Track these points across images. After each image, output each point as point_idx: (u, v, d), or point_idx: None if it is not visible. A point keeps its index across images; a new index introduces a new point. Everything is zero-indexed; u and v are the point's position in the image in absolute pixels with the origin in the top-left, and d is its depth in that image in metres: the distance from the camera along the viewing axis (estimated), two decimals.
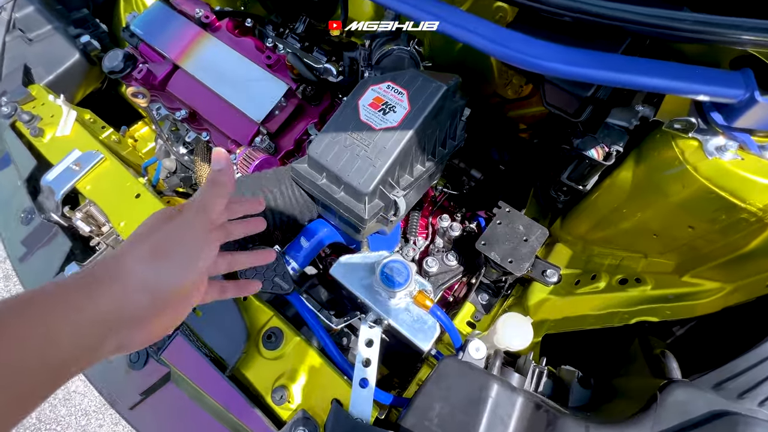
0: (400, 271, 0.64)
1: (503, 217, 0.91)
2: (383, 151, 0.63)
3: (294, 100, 0.89)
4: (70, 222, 0.82)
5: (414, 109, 0.64)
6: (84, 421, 1.75)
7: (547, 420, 0.53)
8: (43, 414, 1.76)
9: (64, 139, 0.93)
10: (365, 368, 0.62)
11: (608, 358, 0.79)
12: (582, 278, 0.86)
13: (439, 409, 0.58)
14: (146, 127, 1.50)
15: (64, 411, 1.77)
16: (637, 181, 0.74)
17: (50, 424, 1.74)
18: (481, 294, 1.08)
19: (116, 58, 0.99)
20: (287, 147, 0.88)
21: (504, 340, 0.63)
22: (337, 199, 0.65)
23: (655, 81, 0.54)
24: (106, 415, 1.75)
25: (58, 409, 1.77)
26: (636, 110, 0.71)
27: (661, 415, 0.46)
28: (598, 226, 0.89)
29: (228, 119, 0.89)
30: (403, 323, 0.64)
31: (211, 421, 0.64)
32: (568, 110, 0.76)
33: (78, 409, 1.77)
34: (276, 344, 0.65)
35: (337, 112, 0.68)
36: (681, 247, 0.73)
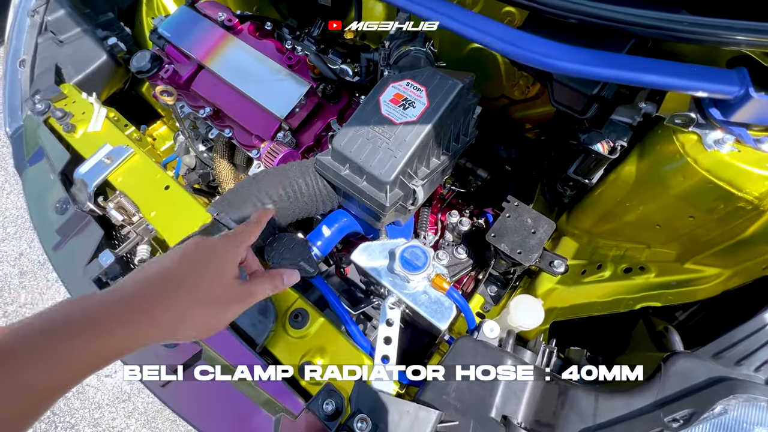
0: (419, 255, 0.68)
1: (512, 211, 0.95)
2: (403, 144, 0.68)
3: (314, 98, 0.94)
4: (104, 212, 0.87)
5: (432, 104, 0.69)
6: (97, 414, 1.78)
7: (558, 391, 0.57)
8: (57, 407, 1.80)
9: (95, 135, 0.98)
10: (386, 345, 0.66)
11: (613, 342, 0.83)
12: (588, 268, 0.90)
13: (456, 384, 0.62)
14: (164, 126, 1.56)
15: (78, 404, 1.80)
16: (640, 174, 0.79)
17: (64, 417, 1.78)
18: (490, 286, 1.12)
19: (144, 59, 1.04)
20: (307, 142, 0.93)
21: (517, 319, 0.67)
22: (360, 188, 0.70)
23: (657, 78, 0.59)
24: (119, 408, 1.78)
25: (71, 402, 1.81)
26: (639, 107, 0.76)
27: (666, 382, 0.50)
28: (603, 219, 0.93)
29: (251, 116, 0.94)
30: (422, 304, 0.69)
31: (240, 396, 0.68)
32: (575, 108, 0.80)
33: (91, 402, 1.80)
34: (302, 324, 0.69)
35: (360, 108, 0.72)
36: (682, 237, 0.77)
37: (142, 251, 0.92)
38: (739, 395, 0.46)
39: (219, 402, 0.70)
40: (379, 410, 0.60)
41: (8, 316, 2.03)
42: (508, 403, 0.59)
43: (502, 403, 0.59)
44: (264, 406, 0.66)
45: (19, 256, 2.18)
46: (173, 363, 0.72)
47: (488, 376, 0.61)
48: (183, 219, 0.83)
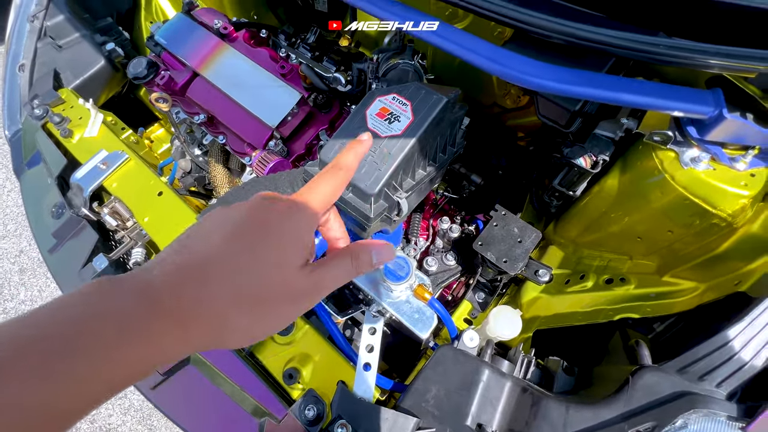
0: (402, 266, 0.70)
1: (499, 220, 0.97)
2: (388, 157, 0.70)
3: (305, 107, 0.96)
4: (99, 216, 0.89)
5: (417, 119, 0.71)
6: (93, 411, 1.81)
7: (531, 401, 0.59)
8: None
9: (92, 140, 1.00)
10: (369, 353, 0.68)
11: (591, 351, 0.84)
12: (572, 278, 0.92)
13: (435, 392, 0.64)
14: (161, 129, 1.58)
15: None
16: (622, 187, 0.81)
17: None
18: (478, 293, 1.14)
19: (140, 65, 1.06)
20: (299, 151, 0.95)
21: (496, 330, 0.69)
22: (345, 200, 0.71)
23: (634, 98, 0.61)
24: (115, 405, 1.81)
25: None
26: (621, 123, 0.78)
27: (632, 396, 0.52)
28: (587, 229, 0.95)
29: (244, 124, 0.96)
30: (404, 314, 0.71)
31: (227, 400, 0.70)
32: (559, 122, 0.82)
33: None
34: (288, 331, 0.71)
35: (347, 121, 0.74)
36: (661, 250, 0.79)
37: (137, 254, 0.94)
38: (700, 410, 0.48)
39: (207, 405, 0.72)
40: (360, 416, 0.62)
41: (7, 313, 2.06)
42: (483, 412, 0.61)
43: (477, 411, 0.61)
44: (249, 410, 0.68)
45: (19, 253, 2.21)
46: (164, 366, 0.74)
47: (465, 384, 0.63)
48: (175, 225, 0.85)
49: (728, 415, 0.47)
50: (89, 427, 1.78)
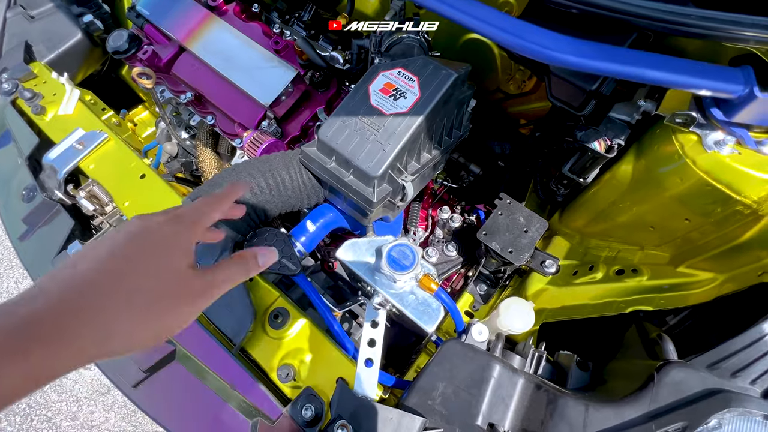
0: (407, 254, 0.65)
1: (504, 209, 0.93)
2: (393, 136, 0.64)
3: (301, 86, 0.89)
4: (74, 200, 0.82)
5: (424, 95, 0.65)
6: (75, 407, 1.73)
7: (547, 399, 0.55)
8: (34, 400, 1.74)
9: (67, 118, 0.92)
10: (370, 348, 0.63)
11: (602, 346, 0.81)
12: (580, 269, 0.88)
13: (442, 389, 0.60)
14: (146, 111, 1.49)
15: (55, 397, 1.75)
16: (636, 174, 0.77)
17: (41, 410, 1.72)
18: (480, 284, 1.10)
19: (121, 38, 0.98)
20: (293, 132, 0.89)
21: (506, 323, 0.65)
22: (346, 183, 0.66)
23: (660, 75, 0.56)
24: (98, 401, 1.74)
25: (48, 394, 1.76)
26: (638, 105, 0.73)
27: (658, 393, 0.49)
28: (596, 219, 0.91)
29: (234, 103, 0.89)
30: (409, 305, 0.66)
31: (215, 398, 0.64)
32: (573, 103, 0.77)
33: (69, 396, 1.75)
34: (282, 324, 0.66)
35: (348, 97, 0.68)
36: (676, 240, 0.75)
37: None
38: (734, 409, 0.44)
39: (193, 404, 0.66)
40: (361, 416, 0.57)
41: None
42: (495, 411, 0.57)
43: (488, 410, 0.57)
44: (240, 410, 0.63)
45: None
46: (145, 362, 0.68)
47: (475, 381, 0.59)
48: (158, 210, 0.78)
49: (765, 414, 0.44)
50: (71, 424, 1.70)
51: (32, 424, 1.70)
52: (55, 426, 1.70)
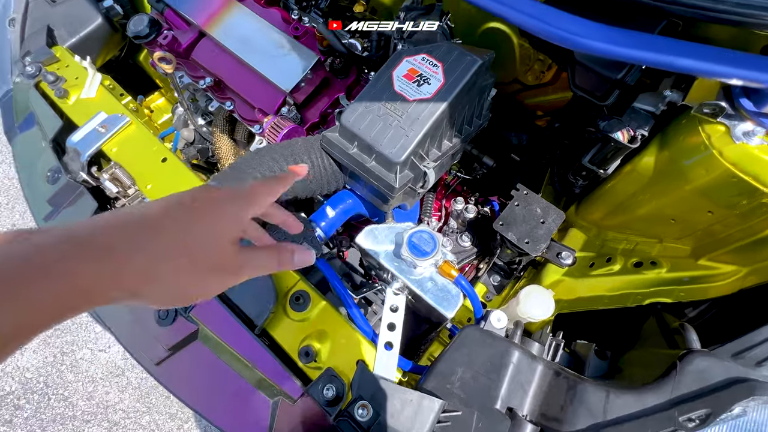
0: (427, 240, 0.66)
1: (521, 199, 0.92)
2: (416, 122, 0.64)
3: (321, 72, 0.89)
4: (98, 182, 0.83)
5: (449, 81, 0.65)
6: (91, 387, 1.78)
7: (567, 385, 0.56)
8: (51, 379, 1.79)
9: (89, 102, 0.93)
10: (390, 332, 0.64)
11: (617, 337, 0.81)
12: (597, 261, 0.88)
13: (461, 374, 0.60)
14: (162, 98, 1.50)
15: (72, 377, 1.80)
16: (659, 166, 0.76)
17: (57, 389, 1.77)
18: (494, 275, 1.11)
19: (141, 23, 0.98)
20: (313, 119, 0.89)
21: (526, 310, 0.65)
22: (368, 168, 0.66)
23: (692, 63, 0.55)
24: (113, 382, 1.78)
25: (65, 375, 1.80)
26: (664, 95, 0.72)
27: (681, 381, 0.49)
28: (614, 211, 0.90)
29: (254, 88, 0.90)
30: (428, 291, 0.66)
31: (237, 378, 0.66)
32: (596, 93, 0.77)
33: (85, 376, 1.80)
34: (303, 306, 0.67)
35: (371, 83, 0.68)
36: (698, 232, 0.75)
37: None
38: (759, 397, 0.44)
39: (215, 383, 0.68)
40: (381, 397, 0.58)
41: None
42: (513, 395, 0.57)
43: (507, 394, 0.57)
44: (262, 389, 0.64)
45: (11, 227, 2.14)
46: (168, 341, 0.70)
47: (494, 366, 0.59)
48: None
49: None
50: (86, 404, 1.75)
51: (50, 403, 1.75)
52: (72, 405, 1.75)
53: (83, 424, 1.70)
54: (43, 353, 1.85)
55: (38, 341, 1.87)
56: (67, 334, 1.88)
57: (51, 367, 1.82)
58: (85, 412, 1.73)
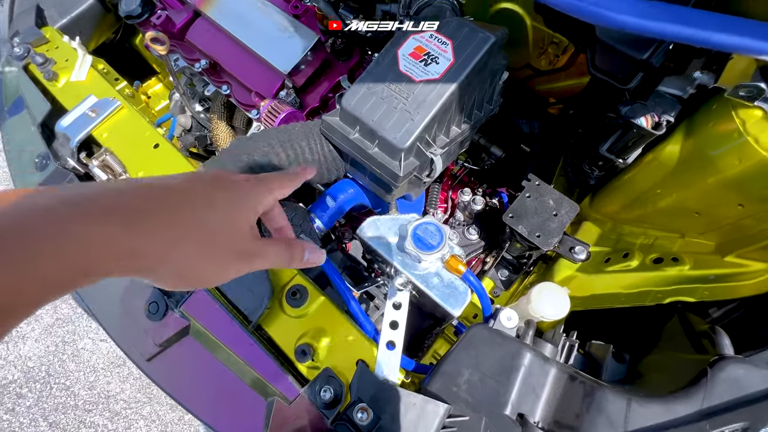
0: (433, 233, 0.61)
1: (532, 191, 0.87)
2: (423, 105, 0.59)
3: (321, 53, 0.84)
4: (87, 169, 0.79)
5: (459, 60, 0.60)
6: (92, 377, 1.77)
7: (583, 391, 0.51)
8: (53, 368, 1.79)
9: (79, 85, 0.89)
10: (392, 330, 0.60)
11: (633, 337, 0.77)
12: (613, 256, 0.83)
13: (468, 376, 0.56)
14: (160, 83, 1.46)
15: (73, 366, 1.79)
16: (685, 155, 0.70)
17: (59, 378, 1.77)
18: (501, 270, 1.06)
19: (133, 2, 0.93)
20: (313, 104, 0.84)
21: (539, 308, 0.61)
22: (370, 155, 0.61)
23: (732, 38, 0.49)
24: (114, 372, 1.77)
25: (67, 364, 1.80)
26: (693, 77, 0.66)
27: (713, 390, 0.44)
28: (633, 204, 0.85)
29: (251, 71, 0.85)
30: (434, 288, 0.62)
31: (230, 375, 0.63)
32: (618, 75, 0.71)
33: (87, 366, 1.79)
34: (300, 302, 0.63)
35: (374, 62, 0.63)
36: (725, 227, 0.69)
37: None
38: None
39: (208, 381, 0.64)
40: (382, 400, 0.54)
41: None
42: (525, 401, 0.53)
43: (518, 399, 0.53)
44: (256, 389, 0.60)
45: None
46: (159, 336, 0.67)
47: (504, 369, 0.55)
48: None
49: None
50: (88, 393, 1.75)
51: (51, 392, 1.75)
52: (74, 394, 1.74)
53: (85, 414, 1.70)
54: (45, 342, 1.84)
55: (40, 330, 1.87)
56: (69, 324, 1.87)
57: (53, 357, 1.81)
58: (86, 401, 1.73)
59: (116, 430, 1.67)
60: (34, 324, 1.88)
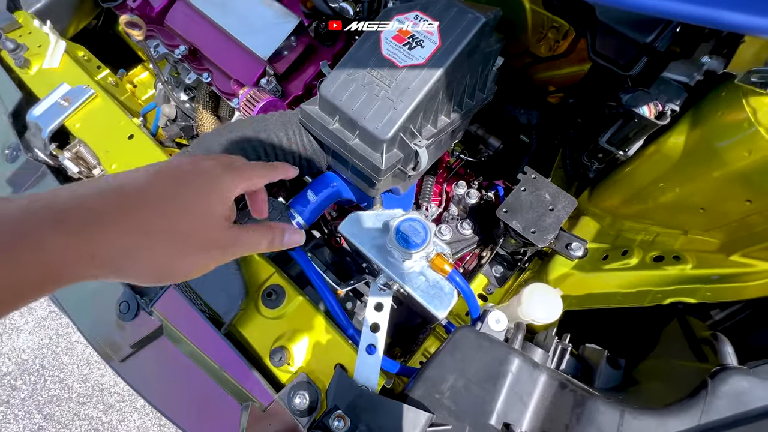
0: (417, 231, 0.57)
1: (528, 184, 0.83)
2: (406, 92, 0.55)
3: (305, 38, 0.79)
4: (58, 162, 0.76)
5: (445, 44, 0.55)
6: (86, 370, 1.77)
7: (573, 401, 0.48)
8: (47, 361, 1.78)
9: (53, 72, 0.85)
10: (373, 333, 0.56)
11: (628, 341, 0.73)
12: (611, 253, 0.79)
13: (452, 382, 0.53)
14: (146, 72, 1.41)
15: (67, 359, 1.79)
16: (689, 146, 0.66)
17: (53, 371, 1.77)
18: (496, 266, 1.02)
19: None
20: (296, 92, 0.80)
21: (529, 311, 0.57)
22: (350, 147, 0.57)
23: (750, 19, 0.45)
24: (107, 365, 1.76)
25: (61, 357, 1.79)
26: (701, 63, 0.61)
27: (713, 404, 0.41)
28: (633, 198, 0.81)
29: (231, 57, 0.80)
30: (418, 288, 0.58)
31: (205, 379, 0.60)
32: (620, 61, 0.66)
33: (80, 359, 1.79)
34: (277, 303, 0.60)
35: (355, 46, 0.59)
36: (731, 224, 0.65)
37: None
38: None
39: (182, 383, 0.62)
40: (360, 408, 0.51)
41: None
42: (511, 410, 0.50)
43: (504, 408, 0.50)
44: (231, 393, 0.58)
45: None
46: (132, 337, 0.64)
47: (490, 375, 0.52)
48: None
49: None
50: (82, 386, 1.74)
51: (46, 384, 1.75)
52: (68, 387, 1.74)
53: (79, 406, 1.70)
54: (39, 335, 1.84)
55: (34, 323, 1.86)
56: (62, 317, 1.86)
57: (47, 349, 1.81)
58: (80, 394, 1.72)
59: (110, 422, 1.67)
60: (27, 316, 1.87)
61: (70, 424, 1.67)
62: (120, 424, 1.67)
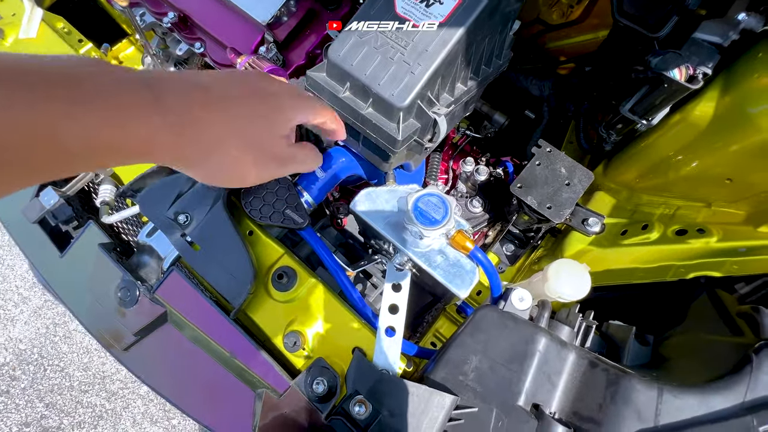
0: (437, 206, 0.54)
1: (543, 158, 0.80)
2: (425, 55, 0.50)
3: (306, 2, 0.73)
4: None
5: (466, 1, 0.50)
6: (86, 358, 1.74)
7: (607, 380, 0.46)
8: (45, 350, 1.75)
9: (30, 43, 0.78)
10: (392, 315, 0.54)
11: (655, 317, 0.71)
12: (630, 228, 0.76)
13: (476, 363, 0.51)
14: (132, 47, 1.33)
15: (66, 348, 1.76)
16: (719, 113, 0.62)
17: (53, 360, 1.74)
18: (507, 244, 1.00)
19: None
20: (298, 61, 0.74)
21: (557, 288, 0.55)
22: (363, 117, 0.53)
23: None
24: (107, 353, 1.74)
25: (59, 346, 1.76)
26: (737, 21, 0.57)
27: (759, 379, 0.39)
28: (652, 171, 0.78)
29: (226, 24, 0.74)
30: (438, 267, 0.55)
31: (214, 365, 0.57)
32: (648, 20, 0.61)
33: (80, 347, 1.76)
34: (288, 285, 0.56)
35: (366, 4, 0.53)
36: (761, 195, 0.63)
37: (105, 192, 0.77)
38: None
39: (190, 371, 0.59)
40: (382, 392, 0.49)
41: None
42: (540, 390, 0.48)
43: (532, 389, 0.48)
44: (243, 380, 0.55)
45: None
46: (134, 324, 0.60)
47: (517, 355, 0.50)
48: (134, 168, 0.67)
49: None
50: (83, 374, 1.72)
51: (46, 374, 1.72)
52: (68, 375, 1.72)
53: (81, 394, 1.68)
54: (35, 325, 1.80)
55: (29, 313, 1.82)
56: (58, 306, 1.82)
57: (44, 339, 1.77)
58: (82, 382, 1.70)
59: (114, 409, 1.66)
60: (22, 306, 1.83)
61: (72, 411, 1.66)
62: (124, 410, 1.66)
